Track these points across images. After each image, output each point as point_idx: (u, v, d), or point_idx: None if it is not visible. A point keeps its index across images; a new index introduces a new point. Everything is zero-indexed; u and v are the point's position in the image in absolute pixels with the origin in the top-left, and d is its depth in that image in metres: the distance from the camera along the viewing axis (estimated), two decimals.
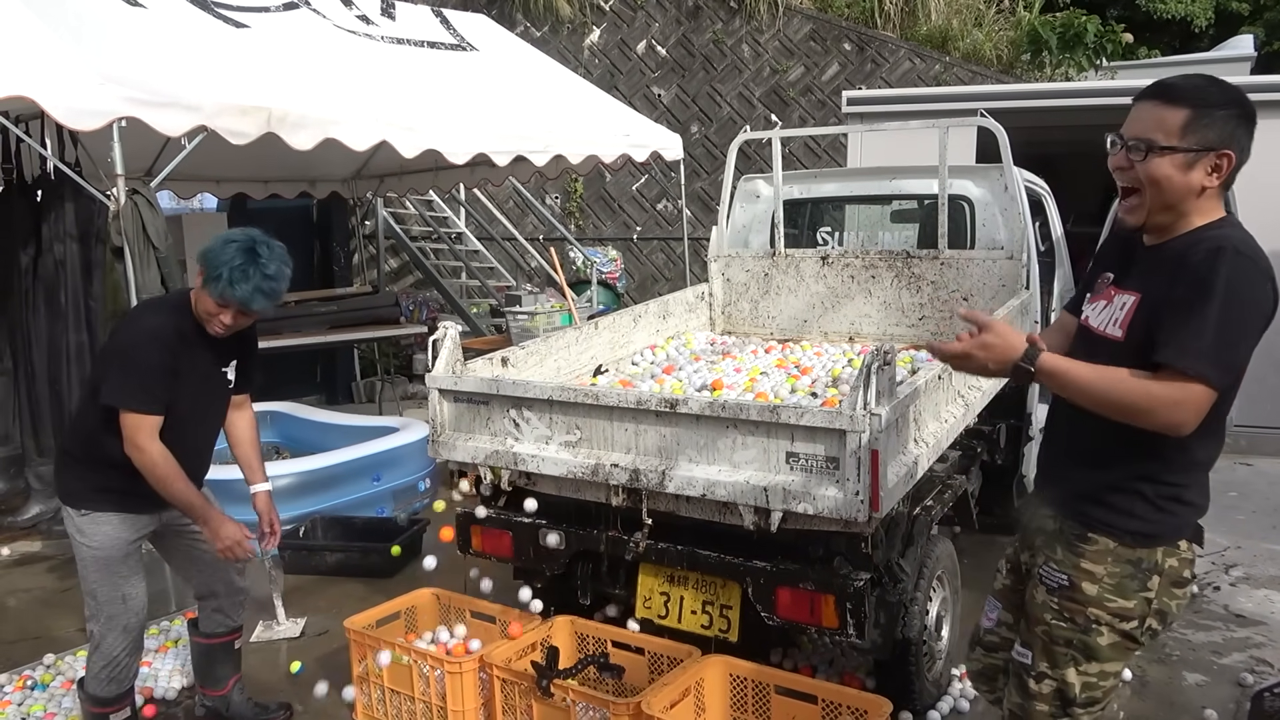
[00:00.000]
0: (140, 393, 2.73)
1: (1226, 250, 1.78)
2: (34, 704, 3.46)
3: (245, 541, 2.85)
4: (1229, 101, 1.84)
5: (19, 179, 4.76)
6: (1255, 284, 1.79)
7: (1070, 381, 1.85)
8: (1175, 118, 1.83)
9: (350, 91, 5.07)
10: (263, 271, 2.73)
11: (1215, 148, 1.83)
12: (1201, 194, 1.86)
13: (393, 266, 10.67)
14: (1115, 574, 1.94)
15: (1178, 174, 1.85)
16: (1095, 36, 10.21)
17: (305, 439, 6.32)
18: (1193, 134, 1.83)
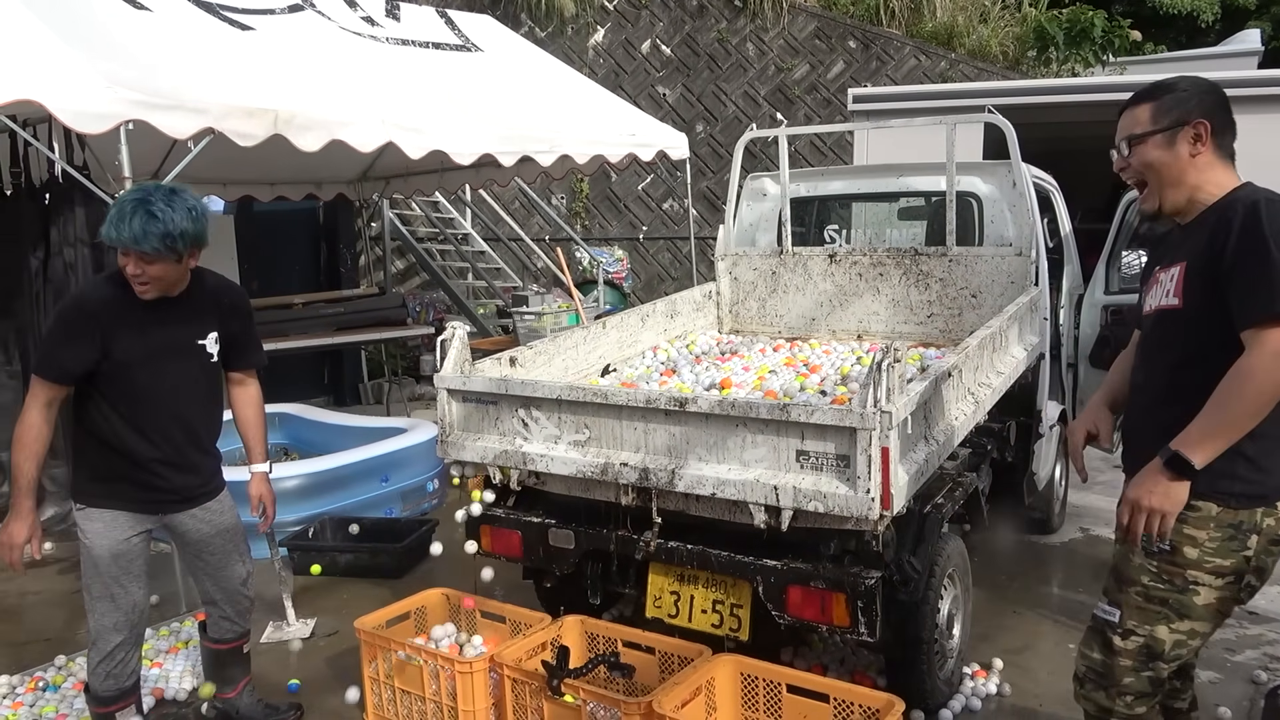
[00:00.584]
0: (44, 358, 2.76)
1: (1260, 203, 1.92)
2: (46, 705, 3.47)
3: (15, 552, 2.71)
4: (1189, 84, 2.08)
5: (27, 183, 4.78)
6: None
7: (1216, 435, 1.90)
8: (1144, 111, 2.10)
9: (356, 93, 5.07)
10: (150, 209, 2.64)
11: (1187, 120, 2.04)
12: (1198, 163, 2.04)
13: (399, 268, 10.69)
14: (1217, 538, 2.00)
15: (1163, 153, 2.06)
16: (1102, 32, 10.18)
17: (314, 440, 6.33)
18: (1162, 116, 2.07)
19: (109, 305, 2.76)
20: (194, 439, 2.97)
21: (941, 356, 3.85)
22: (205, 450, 3.03)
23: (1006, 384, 3.79)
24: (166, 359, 2.86)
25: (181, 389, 2.90)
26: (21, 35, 4.06)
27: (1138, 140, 2.09)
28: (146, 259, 2.70)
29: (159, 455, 2.86)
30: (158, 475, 2.88)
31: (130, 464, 2.83)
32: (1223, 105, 2.07)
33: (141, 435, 2.83)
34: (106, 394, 2.78)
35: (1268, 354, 1.84)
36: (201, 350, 2.94)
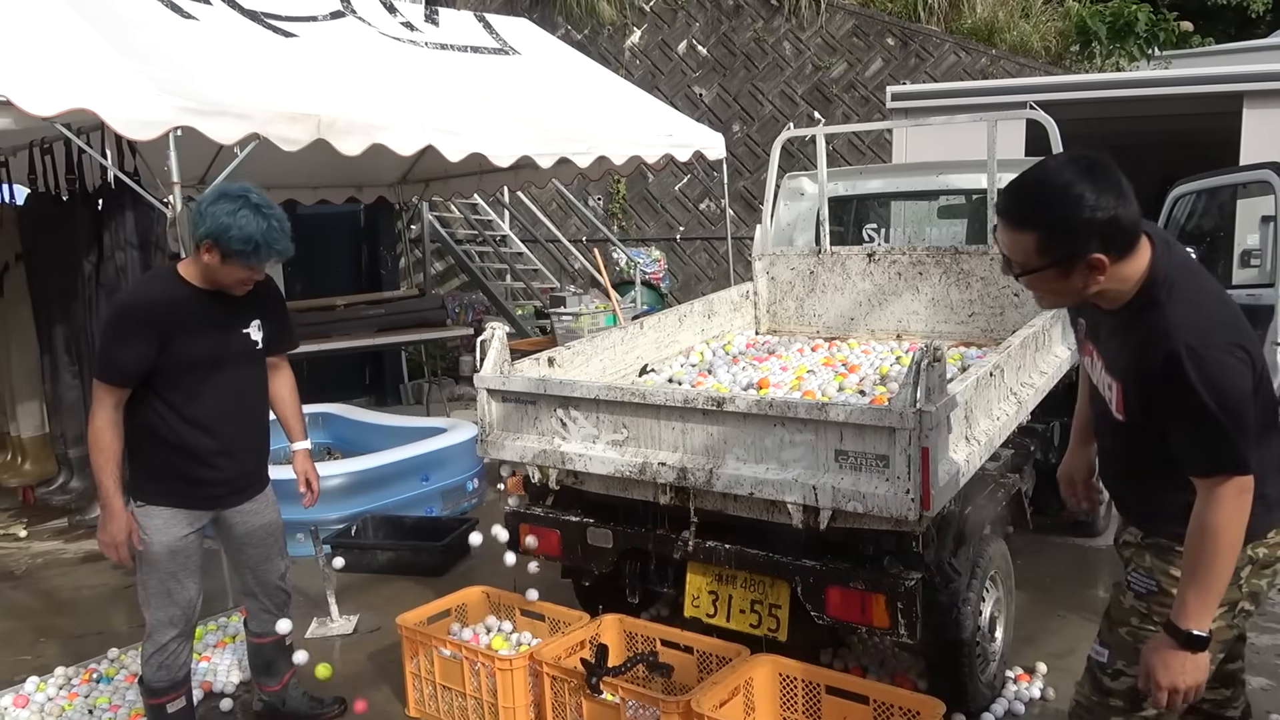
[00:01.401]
0: (105, 363, 2.80)
1: (1182, 356, 1.76)
2: (100, 696, 3.56)
3: (122, 547, 2.80)
4: (1070, 214, 1.78)
5: (81, 189, 4.91)
6: (1226, 368, 1.77)
7: (1209, 594, 1.84)
8: (1028, 242, 1.84)
9: (396, 97, 5.14)
10: (277, 218, 2.78)
11: (1072, 259, 1.81)
12: (1101, 284, 1.85)
13: (439, 269, 10.80)
14: None
15: (1057, 283, 1.87)
16: (1146, 26, 9.99)
17: (355, 440, 6.43)
18: (1051, 253, 1.82)
19: (162, 304, 2.83)
20: (249, 427, 3.06)
21: (983, 356, 3.81)
22: (259, 438, 3.11)
23: (1050, 384, 3.74)
24: (220, 350, 2.93)
25: (235, 379, 2.98)
26: (76, 47, 4.18)
27: (1030, 272, 1.87)
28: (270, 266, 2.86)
29: (217, 446, 2.93)
30: (215, 468, 2.94)
31: (187, 459, 2.89)
32: (1116, 223, 1.78)
33: (200, 428, 2.89)
34: (163, 391, 2.84)
35: (1223, 510, 1.79)
36: (248, 339, 3.01)
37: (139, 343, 2.77)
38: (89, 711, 3.48)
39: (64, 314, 5.11)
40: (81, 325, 4.91)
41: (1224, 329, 1.83)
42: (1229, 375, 1.78)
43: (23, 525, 5.77)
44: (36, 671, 3.73)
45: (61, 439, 5.33)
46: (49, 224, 5.11)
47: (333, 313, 7.68)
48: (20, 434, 5.89)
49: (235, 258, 2.76)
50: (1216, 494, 1.80)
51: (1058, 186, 1.80)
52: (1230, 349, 1.80)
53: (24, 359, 5.64)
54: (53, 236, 5.07)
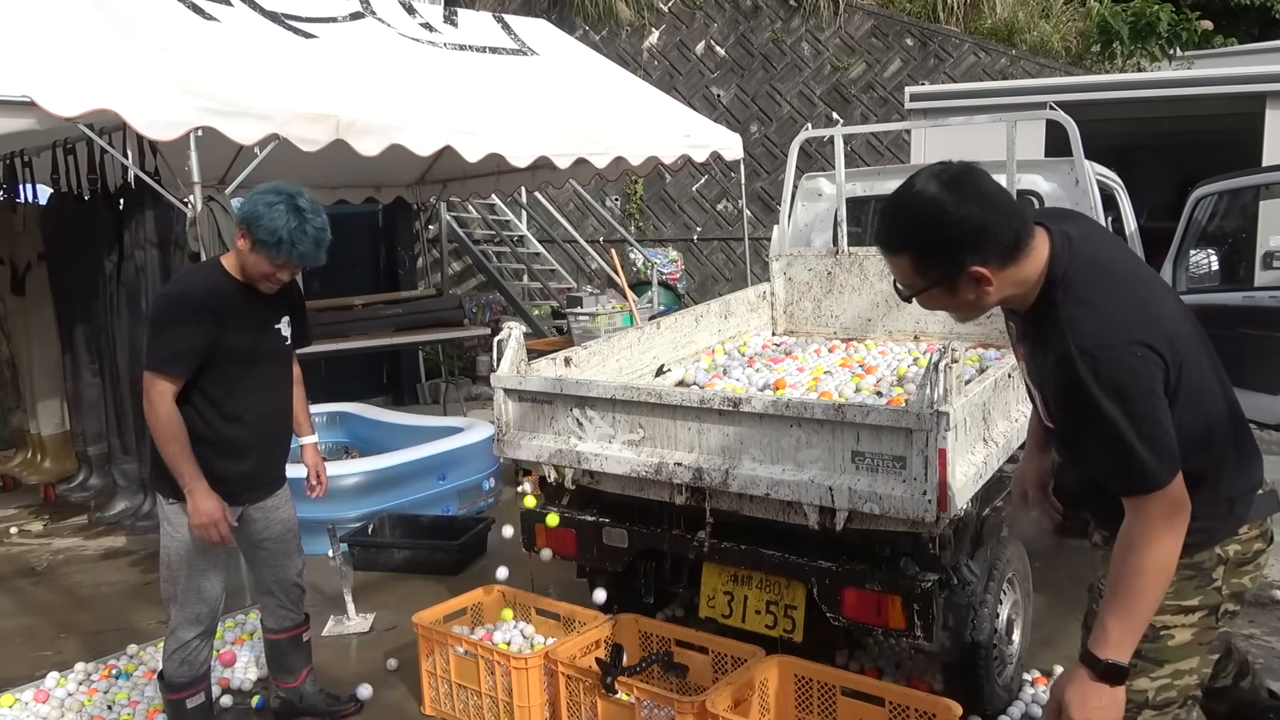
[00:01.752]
0: (163, 353, 2.79)
1: (1075, 361, 1.66)
2: (119, 692, 3.59)
3: (222, 524, 2.82)
4: (935, 231, 1.73)
5: (103, 188, 4.95)
6: (1126, 370, 1.65)
7: (1134, 622, 1.71)
8: (905, 264, 1.79)
9: (415, 98, 5.17)
10: (314, 225, 2.80)
11: (951, 274, 1.74)
12: (990, 292, 1.77)
13: (456, 270, 10.83)
14: (1174, 582, 1.80)
15: (949, 300, 1.81)
16: (1169, 25, 9.90)
17: (372, 439, 6.45)
18: (928, 273, 1.77)
19: (213, 296, 2.86)
20: (278, 423, 3.11)
21: (1001, 357, 3.79)
22: (285, 435, 3.16)
23: None
24: (258, 344, 2.97)
25: (268, 374, 3.02)
26: (99, 48, 4.22)
27: (915, 293, 1.81)
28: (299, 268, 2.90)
29: (250, 441, 2.96)
30: (245, 463, 2.97)
31: (221, 455, 2.91)
32: (984, 232, 1.70)
33: (236, 422, 2.92)
34: (207, 385, 2.86)
35: (1150, 528, 1.67)
36: (279, 334, 3.05)
37: (196, 329, 2.79)
38: (108, 707, 3.51)
39: (85, 313, 5.16)
40: (103, 324, 4.96)
41: (1123, 326, 1.69)
42: (1130, 376, 1.65)
43: (43, 522, 5.84)
44: (57, 667, 3.76)
45: (81, 436, 5.38)
46: (71, 223, 5.16)
47: (350, 312, 7.72)
48: (40, 431, 5.95)
49: (260, 248, 2.79)
50: (1140, 513, 1.69)
51: (920, 205, 1.74)
52: (1130, 347, 1.66)
53: (45, 357, 5.71)
54: (74, 236, 5.12)
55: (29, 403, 5.99)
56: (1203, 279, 5.09)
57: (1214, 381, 1.83)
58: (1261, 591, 4.38)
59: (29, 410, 6.01)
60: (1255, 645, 3.83)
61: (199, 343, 2.79)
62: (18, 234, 5.68)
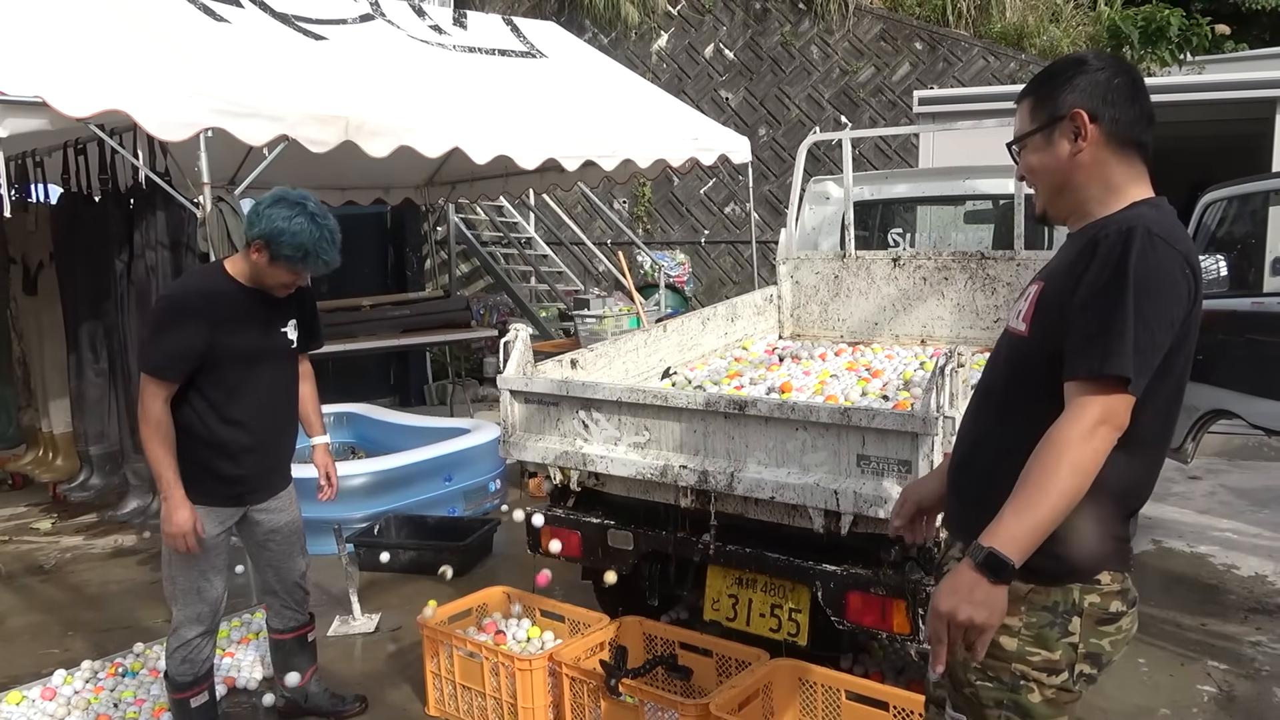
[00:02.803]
0: (156, 357, 2.80)
1: (1137, 231, 1.57)
2: (125, 690, 3.61)
3: (190, 536, 2.81)
4: (1064, 68, 1.76)
5: (114, 188, 4.98)
6: (1166, 272, 1.57)
7: (1033, 523, 1.53)
8: (1025, 110, 1.81)
9: (424, 100, 5.18)
10: (330, 230, 2.84)
11: (1060, 114, 1.72)
12: (1082, 163, 1.71)
13: (464, 271, 10.86)
14: (1033, 623, 1.66)
15: (1043, 155, 1.76)
16: (1179, 30, 9.87)
17: (379, 439, 6.48)
18: (1039, 113, 1.77)
19: (210, 300, 2.87)
20: (281, 425, 3.11)
21: None
22: (288, 437, 3.16)
23: None
24: (260, 347, 2.97)
25: (272, 376, 3.03)
26: (110, 49, 4.25)
27: (1020, 144, 1.80)
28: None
29: (250, 443, 2.96)
30: (246, 465, 2.97)
31: (221, 457, 2.92)
32: (1111, 87, 1.70)
33: (236, 425, 2.92)
34: (205, 388, 2.87)
35: (1084, 424, 1.53)
36: (284, 337, 3.06)
37: (188, 334, 2.80)
38: (114, 705, 3.52)
39: (93, 312, 5.18)
40: (112, 324, 4.98)
41: (1187, 250, 1.62)
42: (1165, 281, 1.57)
43: (51, 520, 5.87)
44: (64, 665, 3.78)
45: (83, 436, 5.39)
46: (81, 223, 5.19)
47: (359, 313, 7.75)
48: (52, 430, 5.99)
49: (283, 261, 2.82)
50: (1079, 408, 1.54)
51: (1072, 56, 1.80)
52: (1182, 262, 1.59)
53: (56, 356, 5.74)
54: (85, 236, 5.15)
55: (40, 401, 6.03)
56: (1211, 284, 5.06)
57: (1176, 403, 1.73)
58: (1267, 599, 4.36)
59: (40, 409, 6.04)
60: (1262, 653, 3.82)
61: (193, 347, 2.80)
62: (29, 234, 5.72)
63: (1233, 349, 4.55)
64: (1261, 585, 4.52)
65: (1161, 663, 3.73)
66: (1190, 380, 1.75)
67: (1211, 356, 4.66)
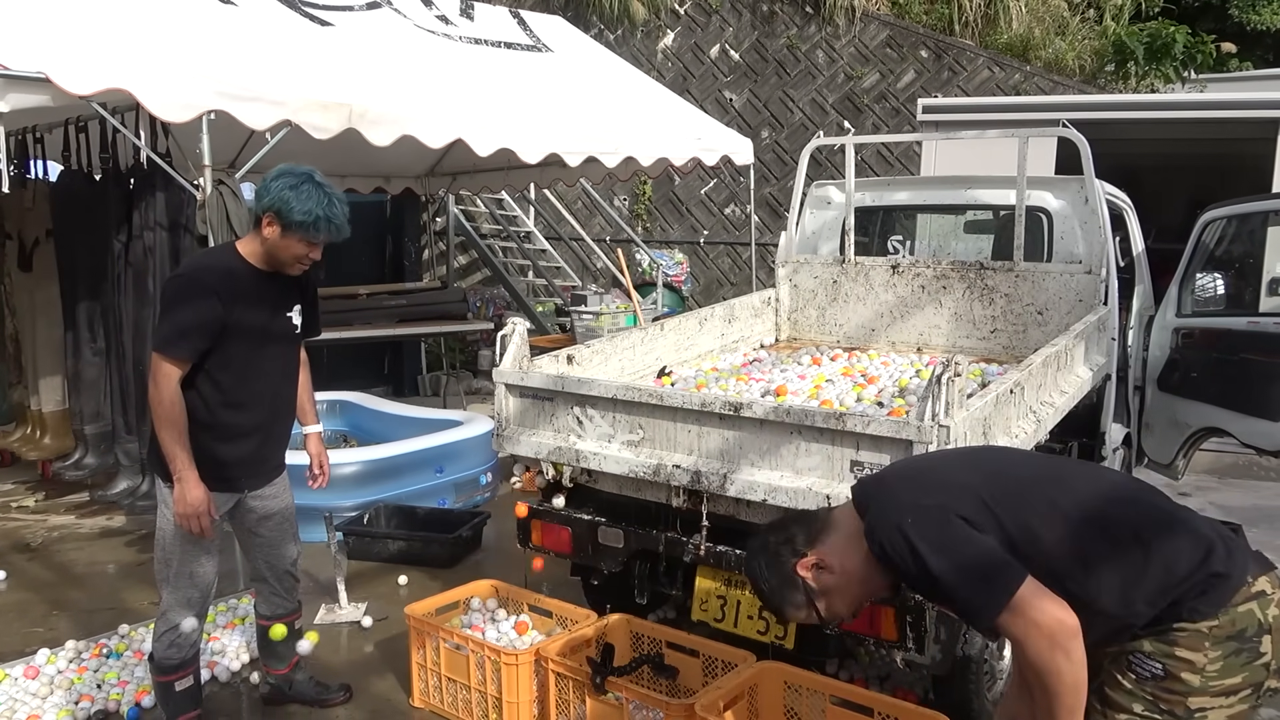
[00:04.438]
0: (170, 335, 2.78)
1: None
2: (108, 671, 3.60)
3: (204, 516, 2.81)
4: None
5: (114, 167, 4.96)
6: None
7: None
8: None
9: (428, 90, 5.17)
10: (338, 198, 2.86)
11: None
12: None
13: (462, 263, 10.84)
14: (1218, 656, 1.69)
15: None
16: (1184, 48, 9.89)
17: (371, 429, 6.46)
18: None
19: (224, 280, 2.85)
20: (280, 411, 3.10)
21: (1004, 372, 3.79)
22: (286, 423, 3.15)
23: (1070, 404, 3.71)
24: (267, 330, 2.96)
25: (276, 361, 3.02)
26: (115, 28, 4.23)
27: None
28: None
29: (251, 427, 2.96)
30: (244, 449, 2.97)
31: (219, 441, 2.91)
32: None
33: (238, 408, 2.92)
34: (210, 370, 2.85)
35: (1028, 646, 1.67)
36: (290, 322, 3.05)
37: (205, 313, 2.78)
38: (97, 686, 3.51)
39: (90, 291, 5.16)
40: (109, 303, 4.96)
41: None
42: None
43: (36, 498, 5.84)
44: (48, 644, 3.77)
45: (79, 415, 5.37)
46: (80, 202, 5.16)
47: (355, 301, 7.73)
48: (42, 408, 5.96)
49: (296, 229, 2.80)
50: (1014, 634, 1.69)
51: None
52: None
53: (49, 334, 5.71)
54: (83, 214, 5.12)
55: (31, 379, 6.00)
56: (1208, 302, 5.08)
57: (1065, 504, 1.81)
58: None
59: (30, 386, 6.01)
60: None
61: (207, 327, 2.79)
62: (27, 210, 5.69)
63: (1227, 367, 4.57)
64: None
65: None
66: (1183, 397, 1.80)
67: (1205, 374, 4.68)
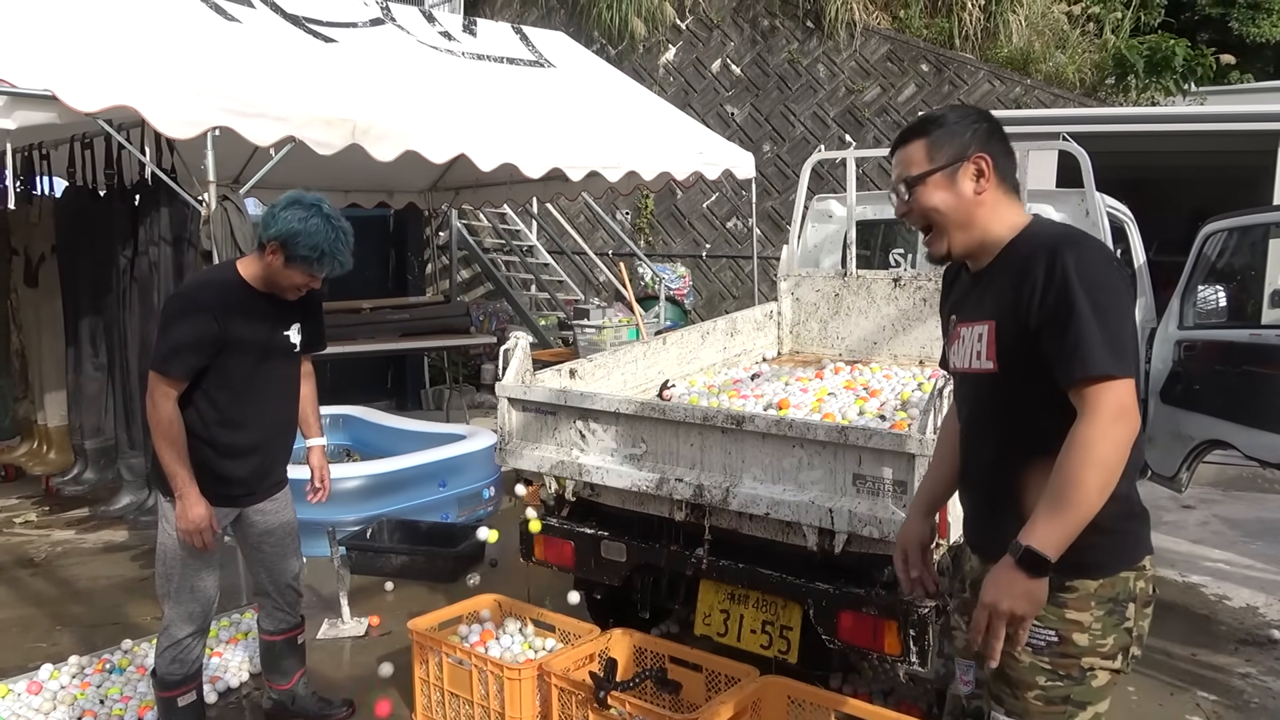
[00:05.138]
0: (168, 355, 2.80)
1: (1061, 248, 1.74)
2: (111, 686, 3.60)
3: (207, 532, 2.82)
4: (959, 115, 1.91)
5: (119, 183, 4.99)
6: (1102, 265, 1.74)
7: (1067, 520, 1.66)
8: (918, 149, 1.91)
9: (431, 105, 5.20)
10: (345, 231, 2.89)
11: (965, 155, 1.86)
12: (984, 201, 1.87)
13: (465, 277, 10.86)
14: (1100, 615, 1.80)
15: (944, 193, 1.88)
16: (1184, 61, 9.93)
17: (374, 443, 6.47)
18: (938, 153, 1.88)
19: (222, 300, 2.88)
20: (280, 427, 3.11)
21: None
22: (287, 439, 3.16)
23: None
24: (265, 349, 2.98)
25: (274, 379, 3.03)
26: (121, 45, 4.26)
27: (916, 182, 1.89)
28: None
29: (250, 444, 2.97)
30: (244, 466, 2.98)
31: (220, 458, 2.92)
32: (998, 135, 1.90)
33: (238, 426, 2.93)
34: (207, 387, 2.87)
35: (1102, 419, 1.64)
36: (288, 340, 3.06)
37: (201, 332, 2.80)
38: (100, 701, 3.51)
39: (93, 307, 5.18)
40: (112, 319, 4.98)
41: (1101, 244, 1.82)
42: (1108, 277, 1.72)
43: (38, 513, 5.85)
44: (51, 659, 3.77)
45: (79, 430, 5.38)
46: (85, 217, 5.19)
47: (358, 315, 7.75)
48: (47, 423, 5.98)
49: (299, 263, 2.83)
50: (1091, 408, 1.66)
51: (960, 105, 1.96)
52: (1106, 256, 1.77)
53: (54, 349, 5.73)
54: (88, 230, 5.15)
55: (37, 394, 6.02)
56: (1210, 315, 5.08)
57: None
58: (1258, 631, 4.36)
59: (36, 401, 6.03)
60: (1251, 684, 3.82)
61: (202, 346, 2.81)
62: (33, 226, 5.73)
63: (1229, 380, 4.56)
64: (1252, 617, 4.52)
65: (1151, 692, 3.72)
66: (1186, 410, 1.84)
67: (1208, 387, 4.67)
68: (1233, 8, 13.43)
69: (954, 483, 2.11)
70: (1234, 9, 13.41)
